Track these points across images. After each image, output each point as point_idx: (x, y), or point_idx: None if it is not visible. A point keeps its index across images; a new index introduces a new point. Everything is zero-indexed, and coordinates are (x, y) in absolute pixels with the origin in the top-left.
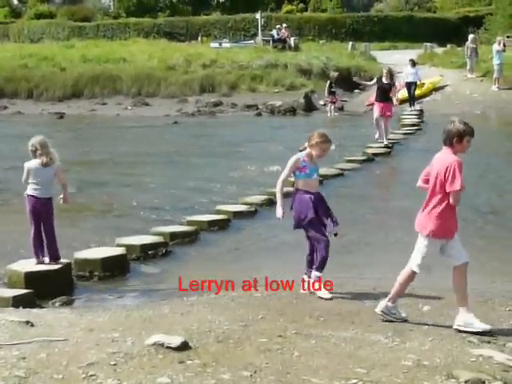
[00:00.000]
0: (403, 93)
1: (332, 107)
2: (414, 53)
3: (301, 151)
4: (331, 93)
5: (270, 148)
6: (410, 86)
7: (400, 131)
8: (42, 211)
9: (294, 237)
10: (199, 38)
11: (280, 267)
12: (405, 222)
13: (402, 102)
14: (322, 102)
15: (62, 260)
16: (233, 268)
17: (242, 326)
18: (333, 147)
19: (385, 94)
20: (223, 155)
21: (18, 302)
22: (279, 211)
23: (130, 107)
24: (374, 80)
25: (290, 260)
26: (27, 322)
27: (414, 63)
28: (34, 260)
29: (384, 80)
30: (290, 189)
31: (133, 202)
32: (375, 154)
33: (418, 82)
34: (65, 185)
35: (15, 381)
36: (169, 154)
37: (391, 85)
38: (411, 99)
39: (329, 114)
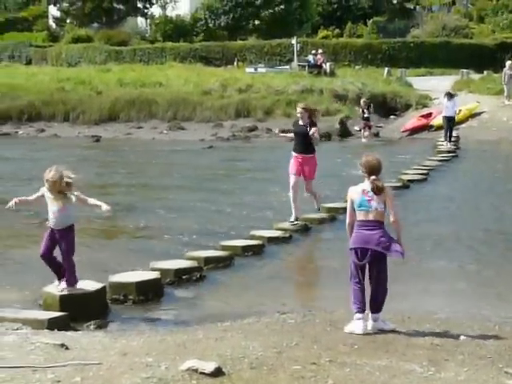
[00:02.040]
0: (439, 120)
1: (366, 133)
2: (450, 79)
3: None
4: (364, 118)
5: None
6: (448, 120)
7: (436, 158)
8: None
9: (329, 263)
10: (235, 63)
11: (314, 294)
12: (438, 248)
13: (438, 128)
14: (357, 128)
15: (92, 284)
16: (266, 294)
17: (276, 352)
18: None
19: (304, 140)
20: (258, 180)
21: (52, 325)
22: None
23: (165, 131)
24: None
25: (323, 287)
26: (62, 345)
27: (451, 95)
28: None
29: (301, 121)
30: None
31: (167, 226)
32: (410, 181)
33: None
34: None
35: None
36: (203, 179)
37: (309, 125)
38: (447, 135)
39: (363, 140)
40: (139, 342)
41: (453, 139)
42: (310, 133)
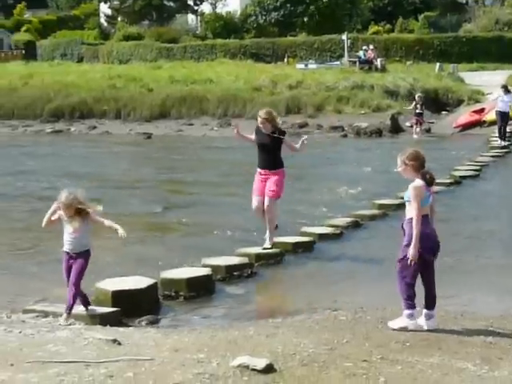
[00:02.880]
0: (492, 115)
1: (418, 129)
2: (503, 74)
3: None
4: (417, 114)
5: (355, 170)
6: (502, 115)
7: (489, 153)
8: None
9: (380, 260)
10: (285, 59)
11: (366, 291)
12: (491, 245)
13: (491, 123)
14: (408, 124)
15: (144, 280)
16: (317, 291)
17: (327, 349)
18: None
19: (269, 153)
20: (308, 177)
21: (105, 320)
22: None
23: (216, 128)
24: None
25: (375, 284)
26: (114, 341)
27: (507, 90)
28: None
29: (263, 129)
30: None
31: (218, 223)
32: (463, 177)
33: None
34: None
35: None
36: (254, 175)
37: (277, 134)
38: (502, 132)
39: (415, 136)
40: (191, 338)
41: (507, 135)
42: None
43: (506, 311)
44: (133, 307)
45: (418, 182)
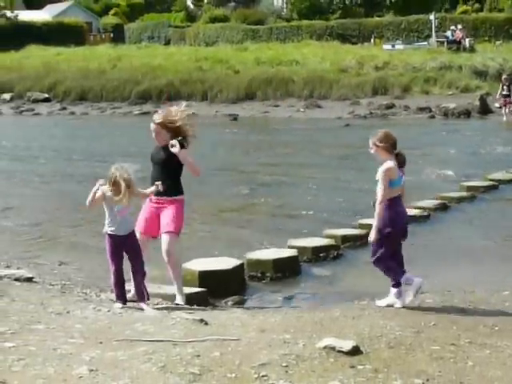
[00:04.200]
0: None
1: (507, 110)
2: None
3: None
4: (504, 96)
5: (443, 152)
6: None
7: None
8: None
9: (469, 243)
10: (372, 40)
11: (453, 274)
12: None
13: None
14: (497, 105)
15: (231, 260)
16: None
17: (414, 332)
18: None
19: (163, 174)
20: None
21: (192, 301)
22: None
23: (302, 109)
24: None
25: (463, 267)
26: (201, 321)
27: None
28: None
29: (156, 141)
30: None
31: (305, 204)
32: None
33: None
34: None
35: (190, 378)
36: (340, 157)
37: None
38: None
39: (504, 118)
40: (277, 318)
41: None
42: (175, 150)
43: None
44: (219, 287)
45: (390, 163)
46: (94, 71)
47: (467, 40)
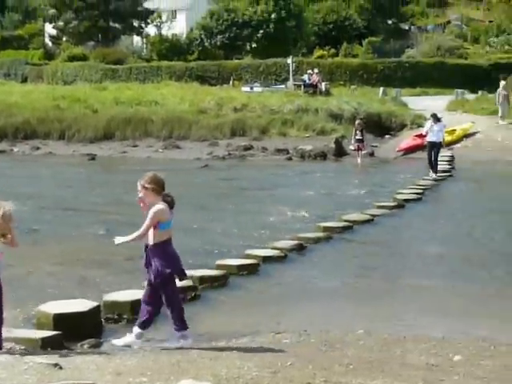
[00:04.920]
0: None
1: (361, 153)
2: (445, 99)
3: None
4: (358, 140)
5: (300, 193)
6: (432, 146)
7: (431, 177)
8: None
9: (324, 283)
10: (231, 82)
11: (309, 314)
12: (432, 268)
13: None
14: (351, 147)
15: (86, 302)
16: (261, 313)
17: (271, 372)
18: None
19: None
20: (253, 199)
21: (46, 344)
22: None
23: (160, 150)
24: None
25: (318, 307)
26: (55, 365)
27: (437, 118)
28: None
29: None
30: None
31: None
32: (406, 200)
33: (449, 129)
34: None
35: None
36: (199, 198)
37: None
38: (433, 163)
39: (359, 160)
40: (133, 361)
41: (447, 159)
42: None
43: (447, 333)
44: (75, 330)
45: (160, 205)
46: None
47: (323, 84)
